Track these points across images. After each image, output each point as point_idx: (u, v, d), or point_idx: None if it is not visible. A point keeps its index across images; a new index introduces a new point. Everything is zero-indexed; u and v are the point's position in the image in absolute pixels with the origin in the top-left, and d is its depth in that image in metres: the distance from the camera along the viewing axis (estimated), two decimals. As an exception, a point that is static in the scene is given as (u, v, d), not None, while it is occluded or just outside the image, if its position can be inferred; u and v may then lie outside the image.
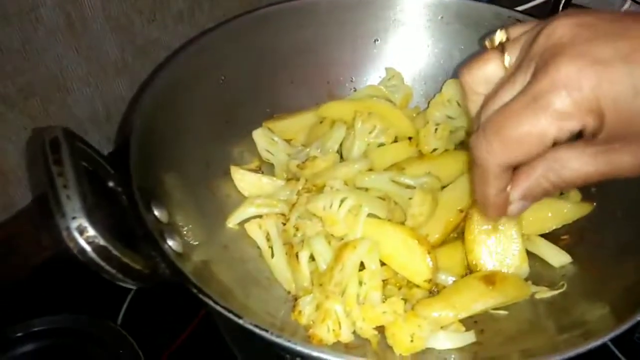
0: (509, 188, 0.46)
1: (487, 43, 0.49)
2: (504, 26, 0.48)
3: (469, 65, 0.48)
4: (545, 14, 1.03)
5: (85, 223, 0.45)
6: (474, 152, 0.44)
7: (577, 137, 0.40)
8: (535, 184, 0.44)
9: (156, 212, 0.58)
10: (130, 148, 0.60)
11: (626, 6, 1.11)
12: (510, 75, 0.43)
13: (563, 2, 0.90)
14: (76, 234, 0.45)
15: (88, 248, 0.45)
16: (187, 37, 0.96)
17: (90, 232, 0.45)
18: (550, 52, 0.39)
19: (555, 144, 0.40)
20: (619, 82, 0.37)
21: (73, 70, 0.84)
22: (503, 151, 0.42)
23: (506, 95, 0.42)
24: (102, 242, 0.45)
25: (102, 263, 0.46)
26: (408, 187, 0.68)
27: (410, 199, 0.66)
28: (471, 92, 0.48)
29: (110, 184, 0.58)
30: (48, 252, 0.79)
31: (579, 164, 0.42)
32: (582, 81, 0.37)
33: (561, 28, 0.40)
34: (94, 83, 0.88)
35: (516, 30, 0.47)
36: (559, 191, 0.47)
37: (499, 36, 0.47)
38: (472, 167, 0.46)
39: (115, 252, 0.46)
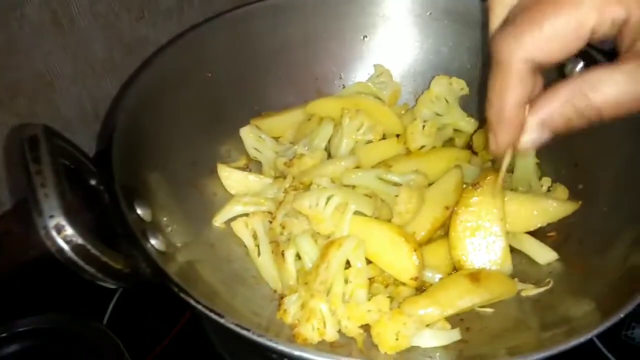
0: (526, 111, 0.41)
1: None
2: None
3: None
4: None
5: (63, 222, 0.45)
6: (498, 48, 0.39)
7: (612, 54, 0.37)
8: (559, 110, 0.39)
9: (139, 211, 0.57)
10: (113, 146, 0.59)
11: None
12: None
13: None
14: (54, 233, 0.44)
15: (66, 247, 0.45)
16: (175, 34, 0.95)
17: (68, 230, 0.45)
18: None
19: (591, 40, 0.36)
20: None
21: (60, 69, 0.83)
22: (534, 42, 0.37)
23: None
24: (80, 240, 0.45)
25: (81, 262, 0.46)
26: (395, 184, 0.68)
27: (396, 196, 0.65)
28: (497, 2, 0.44)
29: (93, 182, 0.57)
30: (34, 252, 0.79)
31: (609, 84, 0.37)
32: None
33: None
34: (82, 81, 0.87)
35: None
36: (583, 125, 0.39)
37: None
38: (492, 70, 0.41)
39: (94, 250, 0.46)
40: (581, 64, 0.72)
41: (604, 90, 0.38)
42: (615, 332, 0.74)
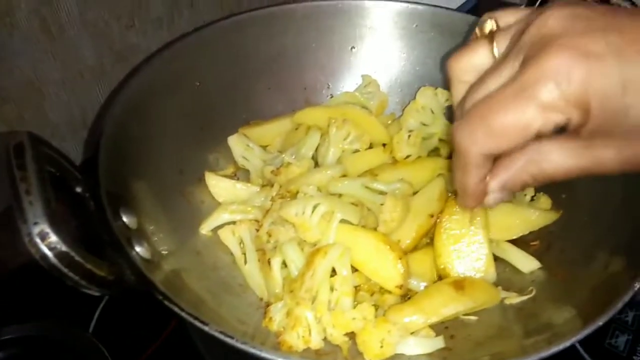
0: (487, 178, 0.45)
1: (476, 31, 0.48)
2: (494, 13, 0.47)
3: (457, 54, 0.47)
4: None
5: (47, 229, 0.45)
6: (456, 140, 0.43)
7: (561, 130, 0.40)
8: (515, 176, 0.44)
9: (125, 218, 0.57)
10: (100, 153, 0.59)
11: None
12: (498, 64, 0.42)
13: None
14: (37, 240, 0.44)
15: (49, 254, 0.45)
16: (165, 43, 0.96)
17: (52, 237, 0.45)
18: (541, 42, 0.38)
19: (539, 136, 0.40)
20: (608, 77, 0.36)
21: (49, 76, 0.83)
22: (486, 140, 0.41)
23: (493, 84, 0.42)
24: (64, 247, 0.45)
25: (64, 269, 0.46)
26: (380, 193, 0.68)
27: (382, 205, 0.66)
28: (457, 80, 0.48)
29: (78, 189, 0.57)
30: (19, 260, 0.78)
31: (561, 157, 0.41)
32: (571, 73, 0.36)
33: (553, 19, 0.39)
34: (71, 88, 0.87)
35: (506, 18, 0.46)
36: (539, 184, 0.46)
37: (489, 25, 0.46)
38: (454, 154, 0.45)
39: (77, 258, 0.46)
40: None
41: (554, 162, 0.41)
42: (599, 340, 0.74)
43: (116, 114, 0.66)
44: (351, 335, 0.59)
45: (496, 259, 0.67)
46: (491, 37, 0.45)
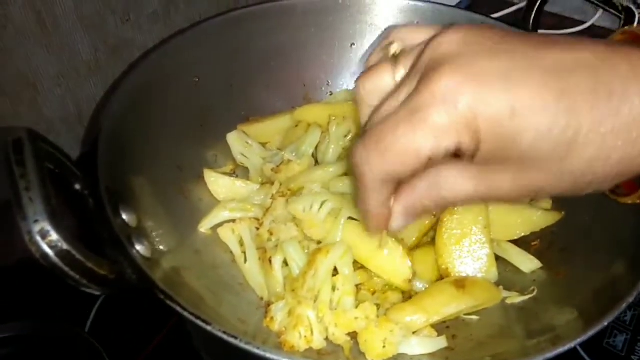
0: (392, 202, 0.44)
1: (382, 53, 0.47)
2: (401, 32, 0.46)
3: (363, 76, 0.46)
4: (520, 20, 1.05)
5: (48, 227, 0.44)
6: (353, 162, 0.42)
7: (456, 155, 0.39)
8: (417, 201, 0.43)
9: (124, 216, 0.56)
10: (98, 149, 0.59)
11: (597, 16, 1.13)
12: (397, 87, 0.42)
13: (535, 10, 0.92)
14: (38, 238, 0.43)
15: (50, 252, 0.44)
16: (162, 37, 0.94)
17: (53, 236, 0.44)
18: (433, 64, 0.37)
19: (433, 161, 0.39)
20: (496, 100, 0.35)
21: (44, 70, 0.82)
22: (380, 164, 0.40)
23: (390, 107, 0.40)
24: (65, 246, 0.44)
25: (66, 268, 0.45)
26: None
27: None
28: (363, 103, 0.46)
29: (77, 186, 0.56)
30: (13, 257, 0.77)
31: (458, 184, 0.40)
32: (459, 96, 0.35)
33: (447, 41, 0.38)
34: (66, 83, 0.86)
35: (414, 36, 0.44)
36: (441, 210, 0.47)
37: (394, 48, 0.46)
38: (354, 176, 0.44)
39: (79, 256, 0.45)
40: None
41: (455, 191, 0.41)
42: (598, 340, 0.75)
43: (114, 110, 0.65)
44: (353, 335, 0.59)
45: (497, 258, 0.67)
46: (394, 60, 0.44)
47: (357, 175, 0.43)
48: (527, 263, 0.67)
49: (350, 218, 0.65)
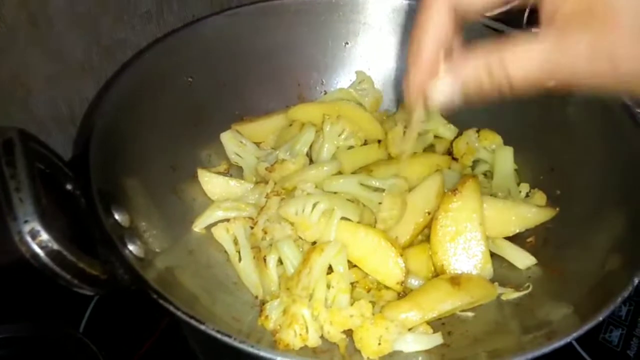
0: (442, 61, 0.41)
1: None
2: None
3: None
4: (514, 18, 1.05)
5: (38, 227, 0.43)
6: None
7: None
8: (474, 70, 0.40)
9: (117, 216, 0.56)
10: (90, 149, 0.58)
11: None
12: None
13: (527, 11, 0.91)
14: (28, 238, 0.43)
15: (41, 253, 0.44)
16: (155, 37, 0.93)
17: (44, 236, 0.43)
18: None
19: None
20: None
21: (36, 70, 0.81)
22: None
23: None
24: (56, 246, 0.44)
25: (57, 268, 0.44)
26: (376, 190, 0.68)
27: (379, 203, 0.65)
28: None
29: (69, 187, 0.56)
30: (6, 258, 0.76)
31: (530, 50, 0.38)
32: None
33: None
34: (57, 83, 0.85)
35: None
36: (492, 93, 0.40)
37: None
38: (418, 9, 0.42)
39: (70, 257, 0.45)
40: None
41: (519, 61, 0.38)
42: (593, 335, 0.75)
43: (107, 109, 0.65)
44: (348, 333, 0.58)
45: (492, 255, 0.67)
46: None
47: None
48: (522, 259, 0.67)
49: (344, 218, 0.64)
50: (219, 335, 0.48)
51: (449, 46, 0.42)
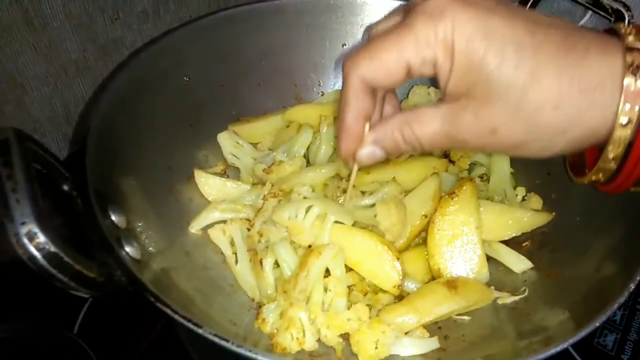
0: (367, 129, 0.49)
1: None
2: None
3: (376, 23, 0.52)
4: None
5: (35, 228, 0.43)
6: (343, 65, 0.47)
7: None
8: (389, 133, 0.48)
9: (113, 217, 0.56)
10: (87, 150, 0.58)
11: (586, 18, 1.14)
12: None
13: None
14: (25, 240, 0.43)
15: (38, 255, 0.43)
16: (151, 37, 0.93)
17: (41, 238, 0.43)
18: None
19: (412, 74, 0.44)
20: (475, 21, 0.41)
21: (31, 69, 0.81)
22: (366, 66, 0.45)
23: (387, 26, 0.47)
24: (53, 248, 0.43)
25: (54, 271, 0.44)
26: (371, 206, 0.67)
27: (375, 216, 0.65)
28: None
29: (65, 187, 0.55)
30: (2, 259, 0.76)
31: (428, 120, 0.45)
32: (445, 12, 0.41)
33: None
34: (53, 82, 0.85)
35: None
36: (409, 150, 0.49)
37: None
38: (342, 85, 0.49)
39: (67, 259, 0.44)
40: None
41: (424, 126, 0.46)
42: (588, 339, 0.75)
43: (103, 110, 0.64)
44: (345, 336, 0.58)
45: (488, 259, 0.67)
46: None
47: (344, 79, 0.47)
48: (518, 263, 0.68)
49: (337, 222, 0.64)
50: (216, 339, 0.48)
51: (372, 114, 0.50)
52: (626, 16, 0.76)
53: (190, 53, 0.77)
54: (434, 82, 0.82)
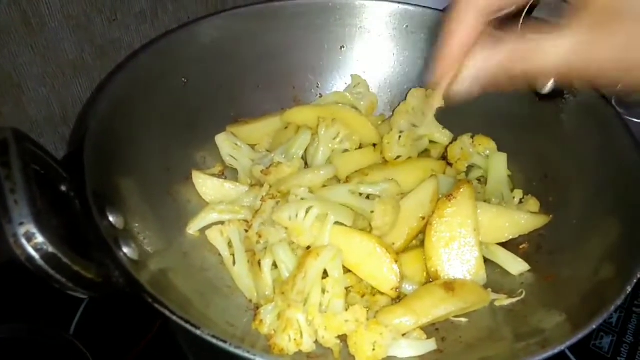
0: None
1: None
2: None
3: None
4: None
5: (33, 229, 0.43)
6: None
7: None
8: (500, 57, 0.41)
9: (111, 218, 0.56)
10: (85, 151, 0.58)
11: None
12: None
13: (523, 15, 0.92)
14: (23, 241, 0.42)
15: (36, 256, 0.43)
16: (149, 38, 0.93)
17: (39, 238, 0.43)
18: None
19: None
20: None
21: (28, 70, 0.80)
22: None
23: None
24: (51, 249, 0.43)
25: (52, 271, 0.44)
26: (368, 196, 0.67)
27: (372, 212, 0.65)
28: None
29: (63, 188, 0.55)
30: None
31: (557, 48, 0.38)
32: None
33: None
34: (51, 83, 0.85)
35: None
36: (520, 83, 0.42)
37: None
38: (451, 11, 0.44)
39: (65, 259, 0.44)
40: (553, 80, 0.74)
41: (549, 51, 0.39)
42: (585, 341, 0.75)
43: (101, 111, 0.64)
44: (343, 338, 0.58)
45: (486, 261, 0.68)
46: None
47: (458, 2, 0.42)
48: (516, 265, 0.68)
49: (338, 223, 0.64)
50: (214, 340, 0.48)
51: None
52: None
53: (189, 55, 0.77)
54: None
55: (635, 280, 0.53)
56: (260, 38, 0.83)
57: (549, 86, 0.73)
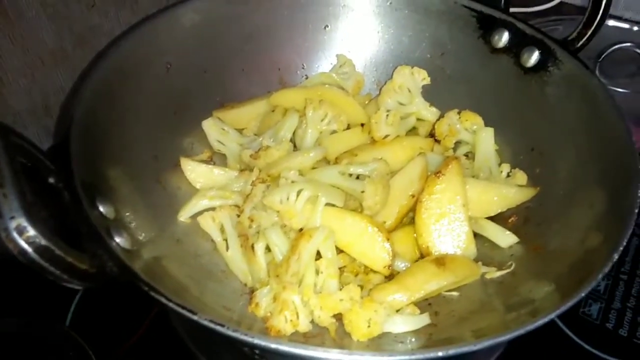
0: None
1: None
2: None
3: None
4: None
5: (24, 223, 0.43)
6: None
7: None
8: None
9: (101, 208, 0.55)
10: (71, 141, 0.57)
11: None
12: None
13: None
14: (15, 235, 0.42)
15: (29, 249, 0.43)
16: (129, 23, 0.92)
17: (31, 232, 0.43)
18: None
19: None
20: None
21: (7, 61, 0.79)
22: None
23: None
24: (43, 242, 0.43)
25: (45, 264, 0.44)
26: (358, 177, 0.68)
27: (362, 192, 0.65)
28: None
29: (51, 180, 0.54)
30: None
31: None
32: None
33: None
34: (31, 74, 0.83)
35: None
36: None
37: None
38: None
39: (58, 251, 0.44)
40: (537, 53, 0.74)
41: None
42: (574, 309, 0.77)
43: (85, 99, 0.63)
44: (338, 317, 0.59)
45: (475, 235, 0.69)
46: None
47: None
48: (505, 238, 0.69)
49: (329, 204, 0.65)
50: (211, 325, 0.48)
51: None
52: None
53: (171, 39, 0.76)
54: (417, 62, 0.82)
55: (621, 248, 0.54)
56: (243, 19, 0.82)
57: (534, 58, 0.73)
